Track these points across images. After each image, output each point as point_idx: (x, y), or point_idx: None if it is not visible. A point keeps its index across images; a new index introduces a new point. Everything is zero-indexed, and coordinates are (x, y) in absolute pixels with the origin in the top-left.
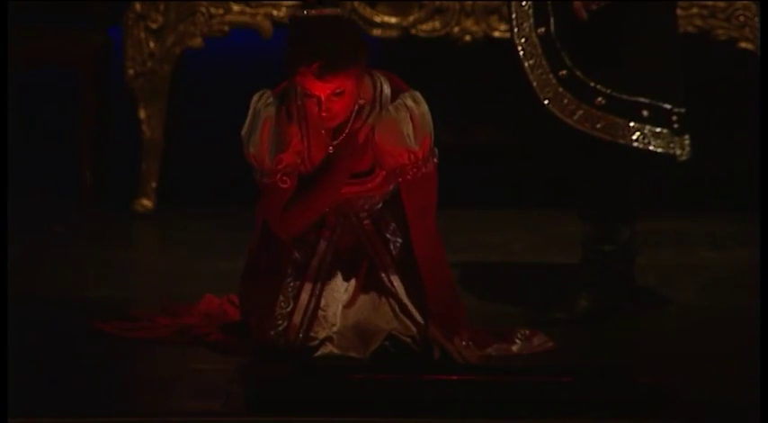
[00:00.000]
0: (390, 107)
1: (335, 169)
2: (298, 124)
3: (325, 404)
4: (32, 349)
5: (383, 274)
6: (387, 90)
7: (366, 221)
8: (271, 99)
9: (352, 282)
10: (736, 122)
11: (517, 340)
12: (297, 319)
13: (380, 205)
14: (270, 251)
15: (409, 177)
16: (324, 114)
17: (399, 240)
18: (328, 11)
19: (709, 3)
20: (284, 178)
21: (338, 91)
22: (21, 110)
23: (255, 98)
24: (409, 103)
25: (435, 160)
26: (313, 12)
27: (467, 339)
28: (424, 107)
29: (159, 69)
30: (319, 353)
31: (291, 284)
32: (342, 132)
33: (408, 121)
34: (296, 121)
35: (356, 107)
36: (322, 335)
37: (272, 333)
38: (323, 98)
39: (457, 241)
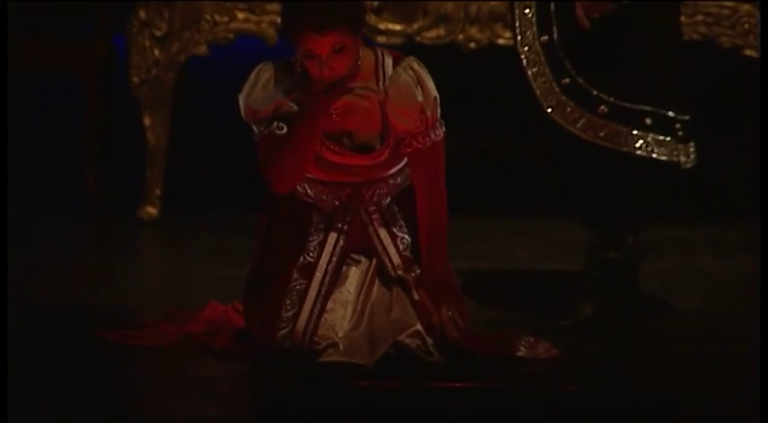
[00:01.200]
0: (399, 69)
1: (314, 102)
2: (299, 82)
3: (330, 411)
4: (35, 356)
5: (390, 270)
6: (389, 60)
7: (375, 215)
8: (272, 64)
9: (361, 283)
10: (740, 130)
11: (522, 347)
12: (302, 322)
13: (389, 200)
14: (275, 253)
15: (419, 146)
16: (325, 73)
17: (407, 238)
18: None
19: (714, 10)
20: (281, 125)
21: (338, 47)
22: (26, 117)
23: (256, 68)
24: (415, 66)
25: (443, 129)
26: None
27: (454, 311)
28: (427, 72)
29: (164, 77)
30: (323, 359)
31: (297, 286)
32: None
33: (417, 83)
34: (299, 79)
35: (359, 58)
36: (327, 340)
37: (278, 335)
38: (323, 56)
39: (461, 248)
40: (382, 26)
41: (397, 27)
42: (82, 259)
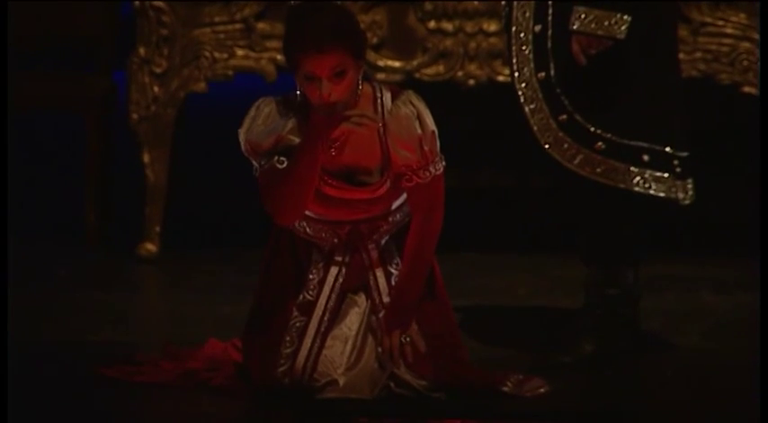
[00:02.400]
0: (399, 102)
1: (314, 131)
2: (299, 116)
3: None
4: (35, 392)
5: (378, 306)
6: (387, 94)
7: (373, 253)
8: (271, 99)
9: (360, 319)
10: (740, 167)
11: (509, 383)
12: (301, 359)
13: (387, 238)
14: (275, 290)
15: (420, 181)
16: (325, 96)
17: None
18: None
19: (713, 47)
20: (281, 159)
21: (339, 70)
22: (26, 154)
23: (255, 104)
24: (414, 100)
25: (443, 163)
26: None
27: (414, 338)
28: (426, 106)
29: (163, 113)
30: (323, 396)
31: (297, 323)
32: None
33: (416, 117)
34: (299, 114)
35: (358, 91)
36: (326, 377)
37: (277, 372)
38: (324, 79)
39: (461, 285)
40: (381, 63)
41: (397, 64)
42: (82, 296)
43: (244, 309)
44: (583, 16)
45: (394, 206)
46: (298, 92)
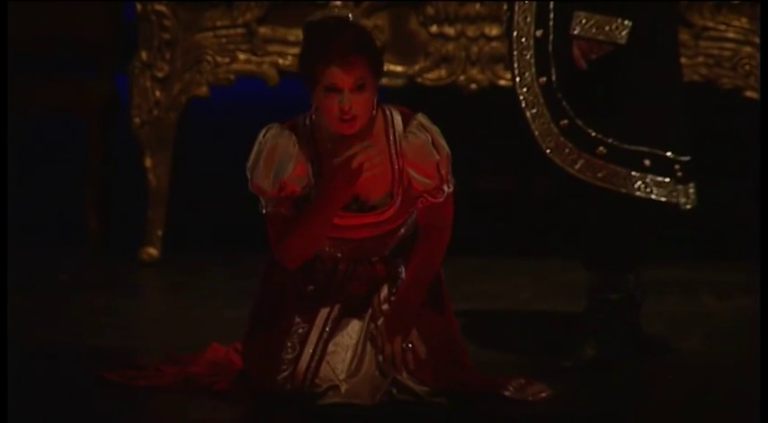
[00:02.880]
0: (413, 129)
1: (329, 189)
2: (306, 149)
3: None
4: (37, 396)
5: (377, 312)
6: (397, 117)
7: (378, 266)
8: (277, 130)
9: (362, 327)
10: (741, 171)
11: (510, 387)
12: (302, 365)
13: (392, 248)
14: (277, 296)
15: (434, 201)
16: (345, 108)
17: None
18: (344, 15)
19: (715, 52)
20: (286, 205)
21: (360, 82)
22: (27, 157)
23: (262, 132)
24: (427, 124)
25: (454, 181)
26: (330, 16)
27: (416, 345)
28: (436, 128)
29: (165, 118)
30: (324, 401)
31: (300, 329)
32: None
33: (431, 143)
34: (305, 146)
35: (372, 115)
36: (328, 382)
37: (278, 378)
38: (346, 90)
39: (463, 289)
40: (384, 67)
41: (399, 68)
42: (83, 300)
43: (245, 313)
44: (584, 21)
45: (399, 223)
46: (307, 118)
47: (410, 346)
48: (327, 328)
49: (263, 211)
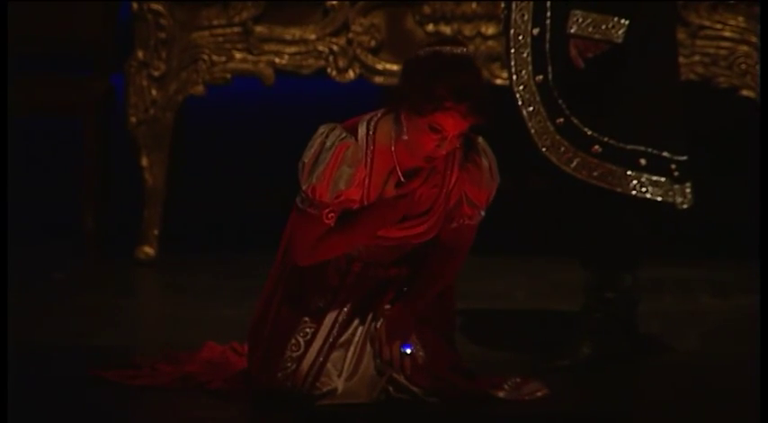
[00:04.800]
0: (480, 150)
1: (377, 218)
2: (365, 164)
3: None
4: (33, 395)
5: (380, 313)
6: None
7: (391, 270)
8: (344, 134)
9: (366, 330)
10: (739, 170)
11: (506, 387)
12: (305, 366)
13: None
14: (287, 296)
15: (470, 223)
16: (440, 153)
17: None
18: (463, 50)
19: (711, 51)
20: (331, 214)
21: (463, 132)
22: (24, 156)
23: (323, 130)
24: (487, 148)
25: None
26: (448, 49)
27: (416, 349)
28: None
29: (161, 117)
30: (322, 402)
31: (307, 329)
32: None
33: (489, 169)
34: (364, 160)
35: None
36: (328, 386)
37: (279, 375)
38: (451, 136)
39: (460, 288)
40: (380, 66)
41: (395, 67)
42: (79, 299)
43: (242, 312)
44: (580, 20)
45: (428, 238)
46: (371, 123)
47: (409, 351)
48: (335, 331)
49: (301, 207)
